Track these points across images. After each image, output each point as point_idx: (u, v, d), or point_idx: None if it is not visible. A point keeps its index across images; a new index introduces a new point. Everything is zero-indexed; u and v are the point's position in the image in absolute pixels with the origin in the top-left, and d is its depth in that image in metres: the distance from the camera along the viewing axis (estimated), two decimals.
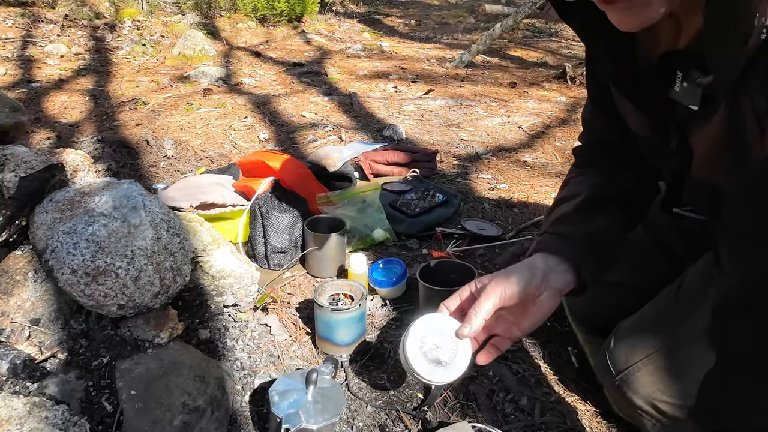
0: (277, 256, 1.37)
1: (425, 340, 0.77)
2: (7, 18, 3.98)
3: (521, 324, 0.80)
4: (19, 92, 2.87)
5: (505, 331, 0.81)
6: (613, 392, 0.92)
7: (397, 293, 1.28)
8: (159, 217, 1.05)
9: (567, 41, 5.34)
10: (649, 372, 0.84)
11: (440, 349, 0.76)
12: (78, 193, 1.07)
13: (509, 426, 0.94)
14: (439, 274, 1.14)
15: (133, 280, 0.96)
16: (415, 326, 0.77)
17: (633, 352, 0.88)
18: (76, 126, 2.44)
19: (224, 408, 0.91)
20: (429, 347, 0.76)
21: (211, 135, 2.40)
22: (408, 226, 1.59)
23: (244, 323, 1.16)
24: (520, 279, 0.76)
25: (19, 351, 0.92)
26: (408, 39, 5.13)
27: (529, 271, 0.78)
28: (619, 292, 1.02)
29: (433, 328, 0.78)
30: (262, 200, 1.38)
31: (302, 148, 2.29)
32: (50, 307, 1.02)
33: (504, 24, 4.01)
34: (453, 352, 0.76)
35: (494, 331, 0.81)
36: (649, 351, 0.85)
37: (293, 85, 3.36)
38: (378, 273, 1.26)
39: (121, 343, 0.98)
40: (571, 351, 1.12)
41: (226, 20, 4.91)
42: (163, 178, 1.94)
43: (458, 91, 3.29)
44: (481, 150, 2.33)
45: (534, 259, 0.81)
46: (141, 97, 2.85)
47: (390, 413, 0.96)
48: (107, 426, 0.85)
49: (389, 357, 1.09)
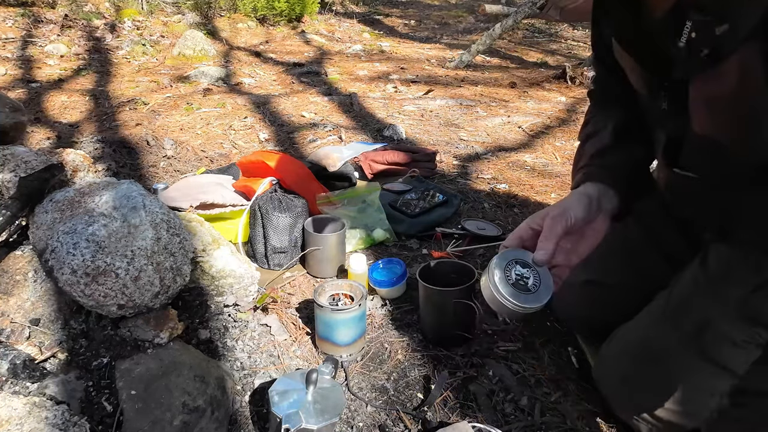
0: (277, 256, 1.37)
1: (509, 274, 0.77)
2: (7, 18, 3.98)
3: (579, 249, 0.81)
4: (19, 92, 2.87)
5: (565, 260, 0.81)
6: (609, 396, 0.93)
7: (397, 293, 1.28)
8: (159, 217, 1.05)
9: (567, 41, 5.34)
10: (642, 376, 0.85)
11: (524, 278, 0.77)
12: (78, 193, 1.07)
13: (509, 426, 0.94)
14: (439, 274, 1.14)
15: (133, 280, 0.96)
16: (496, 262, 0.78)
17: (625, 356, 0.88)
18: (76, 126, 2.44)
19: (224, 408, 0.91)
20: (514, 279, 0.77)
21: (211, 135, 2.40)
22: (408, 226, 1.59)
23: (244, 323, 1.16)
24: (579, 204, 0.79)
25: (19, 351, 0.92)
26: (408, 39, 5.13)
27: (586, 197, 0.80)
28: (618, 293, 1.02)
29: (512, 263, 0.78)
30: (262, 200, 1.38)
31: (302, 148, 2.29)
32: (50, 307, 1.02)
33: (504, 24, 4.01)
34: (536, 279, 0.77)
35: (554, 263, 0.81)
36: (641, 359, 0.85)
37: (293, 85, 3.36)
38: (378, 273, 1.26)
39: (121, 343, 0.98)
40: (571, 351, 1.12)
41: (226, 20, 4.91)
42: (163, 178, 1.94)
43: (458, 92, 3.29)
44: (481, 150, 2.33)
45: (585, 187, 0.83)
46: (141, 97, 2.85)
47: (390, 413, 0.96)
48: (107, 426, 0.85)
49: (389, 357, 1.09)
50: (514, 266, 0.78)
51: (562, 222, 0.76)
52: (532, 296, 0.75)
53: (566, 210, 0.77)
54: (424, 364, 1.08)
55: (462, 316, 1.08)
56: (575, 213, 0.77)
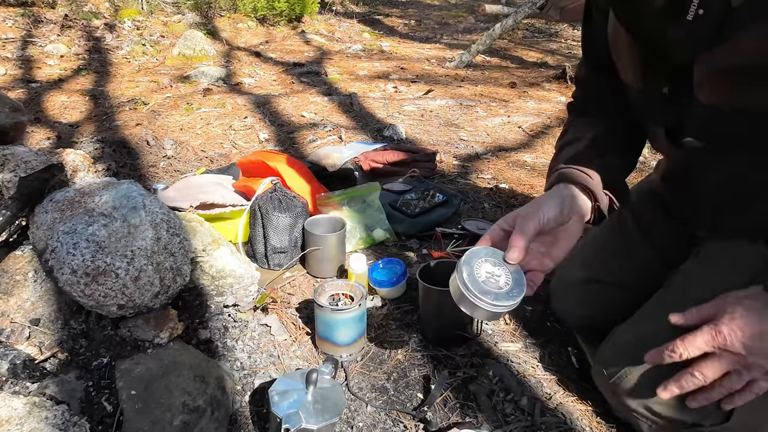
0: (277, 256, 1.37)
1: (479, 271, 0.74)
2: (7, 18, 3.98)
3: (553, 253, 0.79)
4: (19, 92, 2.87)
5: (538, 264, 0.80)
6: (608, 394, 0.93)
7: (397, 293, 1.28)
8: (159, 217, 1.05)
9: (567, 41, 5.34)
10: (640, 374, 0.85)
11: (495, 276, 0.74)
12: (78, 193, 1.07)
13: (509, 426, 0.94)
14: (439, 274, 1.14)
15: (133, 280, 0.96)
16: (464, 260, 0.75)
17: (624, 354, 0.88)
18: (76, 126, 2.44)
19: (224, 408, 0.91)
20: (485, 277, 0.74)
21: (211, 135, 2.40)
22: (408, 226, 1.59)
23: (244, 323, 1.16)
24: (552, 204, 0.77)
25: (19, 351, 0.93)
26: (408, 39, 5.14)
27: (558, 197, 0.79)
28: (617, 292, 1.03)
29: (481, 261, 0.75)
30: (262, 200, 1.38)
31: (302, 148, 2.29)
32: (50, 307, 1.02)
33: (504, 24, 4.01)
34: (508, 278, 0.74)
35: (527, 266, 0.79)
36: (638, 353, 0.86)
37: (293, 85, 3.36)
38: (378, 273, 1.26)
39: (121, 343, 0.98)
40: (571, 351, 1.12)
41: (226, 20, 4.91)
42: (163, 178, 1.94)
43: (458, 92, 3.29)
44: (481, 150, 2.33)
45: (558, 188, 0.82)
46: (141, 97, 2.85)
47: (390, 413, 0.96)
48: (107, 426, 0.85)
49: (389, 357, 1.09)
50: (484, 264, 0.75)
51: (534, 220, 0.74)
52: (504, 294, 0.72)
53: (538, 209, 0.76)
54: (424, 364, 1.08)
55: (462, 316, 1.08)
56: (547, 212, 0.75)
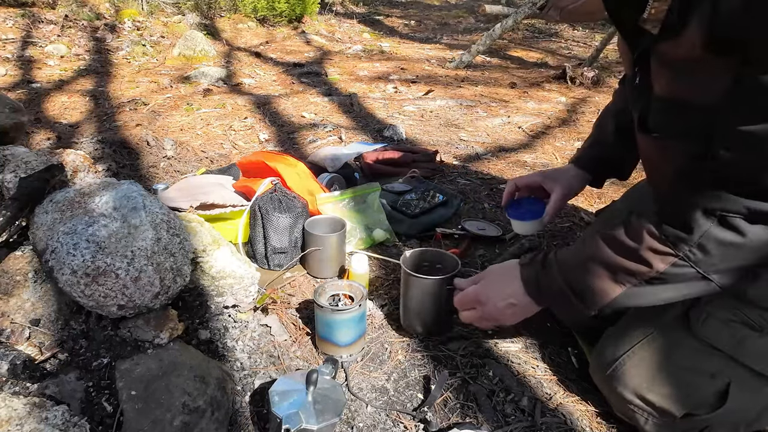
0: (277, 257, 1.37)
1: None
2: (7, 18, 3.98)
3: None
4: (20, 93, 2.87)
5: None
6: (605, 389, 0.95)
7: (533, 229, 1.26)
8: (159, 217, 1.05)
9: (567, 41, 5.34)
10: (635, 363, 0.88)
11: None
12: (78, 193, 1.07)
13: (509, 426, 0.94)
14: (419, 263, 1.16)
15: (133, 281, 0.96)
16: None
17: (619, 345, 0.91)
18: (76, 126, 2.44)
19: (224, 408, 0.91)
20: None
21: (211, 135, 2.40)
22: (408, 227, 1.59)
23: (244, 324, 1.16)
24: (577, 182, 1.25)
25: (19, 351, 0.93)
26: (408, 39, 5.14)
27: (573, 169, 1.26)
28: None
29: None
30: (262, 201, 1.38)
31: (302, 149, 2.29)
32: (50, 308, 1.02)
33: (504, 24, 4.01)
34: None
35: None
36: (633, 342, 0.90)
37: (293, 85, 3.37)
38: (515, 209, 1.26)
39: (121, 344, 0.98)
40: (571, 351, 1.12)
41: (227, 21, 4.92)
42: (163, 178, 1.94)
43: (458, 92, 3.29)
44: (481, 150, 2.33)
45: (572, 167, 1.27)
46: (141, 98, 2.85)
47: (390, 413, 0.96)
48: (107, 426, 0.85)
49: (389, 357, 1.09)
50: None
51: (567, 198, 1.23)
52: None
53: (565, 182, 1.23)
54: (424, 365, 1.08)
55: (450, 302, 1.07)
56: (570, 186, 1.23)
